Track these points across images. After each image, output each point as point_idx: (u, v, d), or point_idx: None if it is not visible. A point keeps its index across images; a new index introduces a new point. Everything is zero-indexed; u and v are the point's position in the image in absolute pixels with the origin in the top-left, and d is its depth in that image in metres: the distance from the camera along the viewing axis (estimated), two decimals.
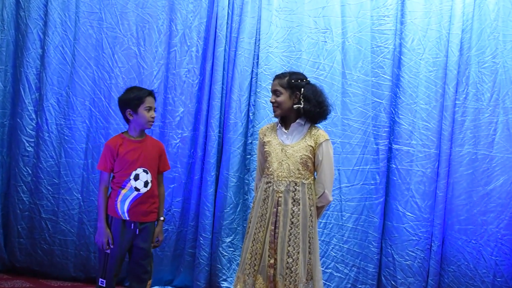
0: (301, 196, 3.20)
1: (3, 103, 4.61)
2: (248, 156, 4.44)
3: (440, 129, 4.28)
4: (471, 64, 4.28)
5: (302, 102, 3.23)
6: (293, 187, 3.21)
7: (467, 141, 4.29)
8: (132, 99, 3.43)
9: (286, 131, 3.29)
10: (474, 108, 4.29)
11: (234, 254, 4.44)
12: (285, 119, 3.33)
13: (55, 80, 4.55)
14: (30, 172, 4.55)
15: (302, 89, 3.24)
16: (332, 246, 4.41)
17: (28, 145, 4.55)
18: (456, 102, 4.27)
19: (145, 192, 3.44)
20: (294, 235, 3.19)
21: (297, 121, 3.27)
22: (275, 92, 3.26)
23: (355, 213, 4.39)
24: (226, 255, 4.41)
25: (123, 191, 3.42)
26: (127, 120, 3.49)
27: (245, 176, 4.45)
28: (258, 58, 4.44)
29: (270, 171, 3.26)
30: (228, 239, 4.42)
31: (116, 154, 3.42)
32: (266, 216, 3.24)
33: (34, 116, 4.55)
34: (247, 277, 3.25)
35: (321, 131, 3.29)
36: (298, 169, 3.21)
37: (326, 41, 4.40)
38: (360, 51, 4.37)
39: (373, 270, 4.37)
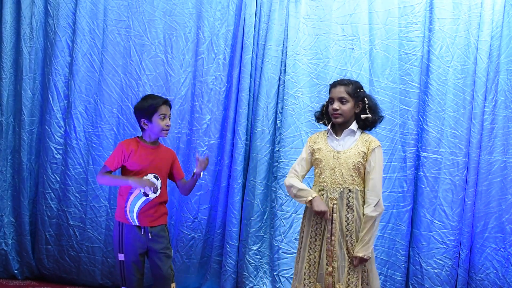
0: (355, 202, 3.20)
1: (31, 110, 4.64)
2: (275, 164, 4.43)
3: (469, 136, 4.25)
4: (500, 71, 4.25)
5: (368, 112, 3.26)
6: (347, 193, 3.20)
7: (496, 149, 4.26)
8: (147, 108, 3.43)
9: (337, 137, 3.29)
10: (503, 115, 4.26)
11: (261, 262, 4.43)
12: (335, 126, 3.32)
13: (83, 87, 4.57)
14: (58, 179, 4.58)
15: (366, 99, 3.27)
16: None
17: (56, 152, 4.57)
18: (485, 109, 4.25)
19: (154, 198, 3.45)
20: (350, 242, 3.19)
21: (350, 127, 3.27)
22: (341, 99, 3.24)
23: (383, 221, 4.36)
24: (253, 263, 4.40)
25: (132, 197, 3.43)
26: (142, 129, 3.50)
27: (272, 183, 4.44)
28: (285, 66, 4.44)
29: (323, 178, 3.24)
30: (255, 247, 4.41)
31: (127, 158, 3.43)
32: (321, 225, 3.23)
33: (62, 123, 4.58)
34: (306, 287, 3.24)
35: (373, 138, 3.29)
36: (352, 175, 3.20)
37: (353, 49, 4.39)
38: (387, 59, 4.36)
39: (401, 278, 4.34)
